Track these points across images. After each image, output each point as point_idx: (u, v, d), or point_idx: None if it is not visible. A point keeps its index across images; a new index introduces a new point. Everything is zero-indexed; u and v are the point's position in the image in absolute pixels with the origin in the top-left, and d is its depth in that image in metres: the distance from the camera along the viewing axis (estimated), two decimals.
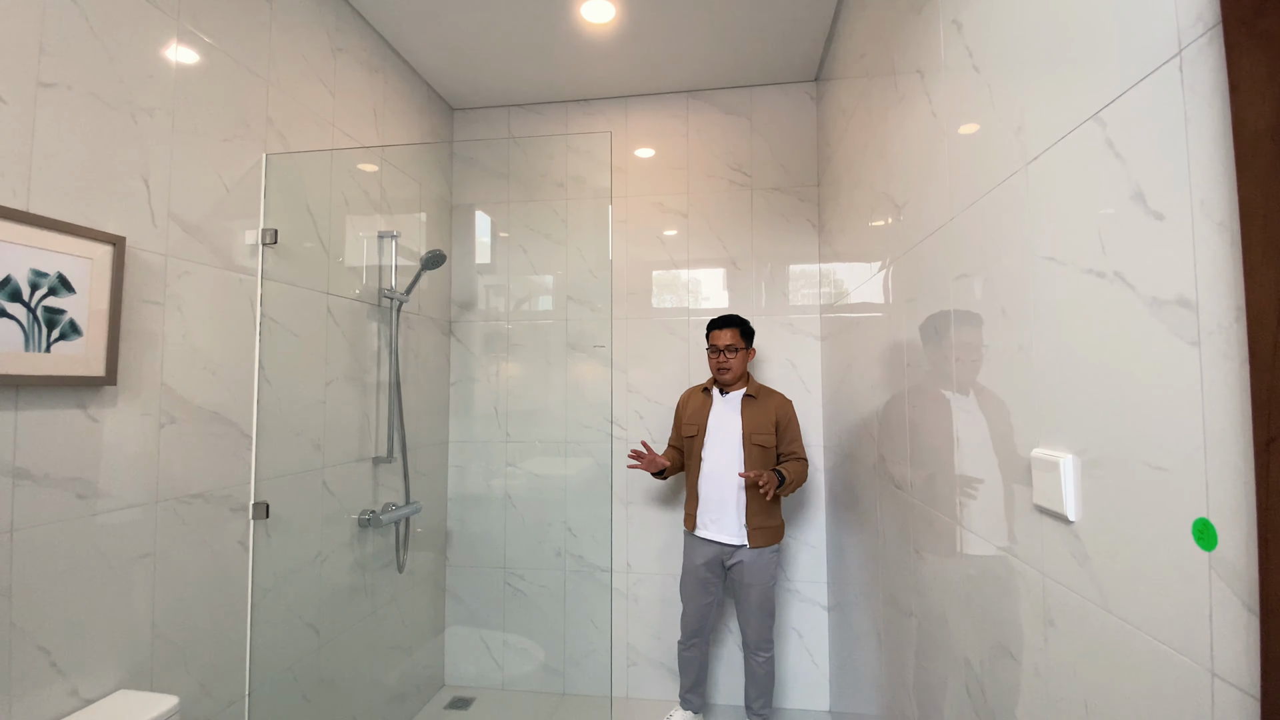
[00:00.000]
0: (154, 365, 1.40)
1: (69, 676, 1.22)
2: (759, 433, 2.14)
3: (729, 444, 2.15)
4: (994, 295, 0.99)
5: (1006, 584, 0.96)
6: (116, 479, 1.32)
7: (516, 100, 2.80)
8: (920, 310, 1.33)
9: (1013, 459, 0.93)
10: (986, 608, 1.03)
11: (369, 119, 2.23)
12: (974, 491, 1.07)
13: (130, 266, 1.34)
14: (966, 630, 1.11)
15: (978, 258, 1.04)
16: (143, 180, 1.38)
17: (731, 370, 2.17)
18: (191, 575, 1.49)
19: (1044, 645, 0.84)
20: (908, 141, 1.40)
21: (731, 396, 2.22)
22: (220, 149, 1.58)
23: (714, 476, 2.15)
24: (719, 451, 2.15)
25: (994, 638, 1.00)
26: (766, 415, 2.17)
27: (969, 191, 1.07)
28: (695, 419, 2.23)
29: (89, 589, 1.26)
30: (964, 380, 1.11)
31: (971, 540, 1.09)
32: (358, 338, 2.14)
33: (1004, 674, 0.97)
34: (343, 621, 2.04)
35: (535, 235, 2.77)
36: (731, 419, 2.17)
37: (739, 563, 2.13)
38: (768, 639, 2.18)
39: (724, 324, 2.21)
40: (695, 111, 2.70)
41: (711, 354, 2.21)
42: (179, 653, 1.46)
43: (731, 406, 2.20)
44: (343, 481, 2.04)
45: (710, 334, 2.23)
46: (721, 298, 2.64)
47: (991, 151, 0.99)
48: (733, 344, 2.17)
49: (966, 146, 1.09)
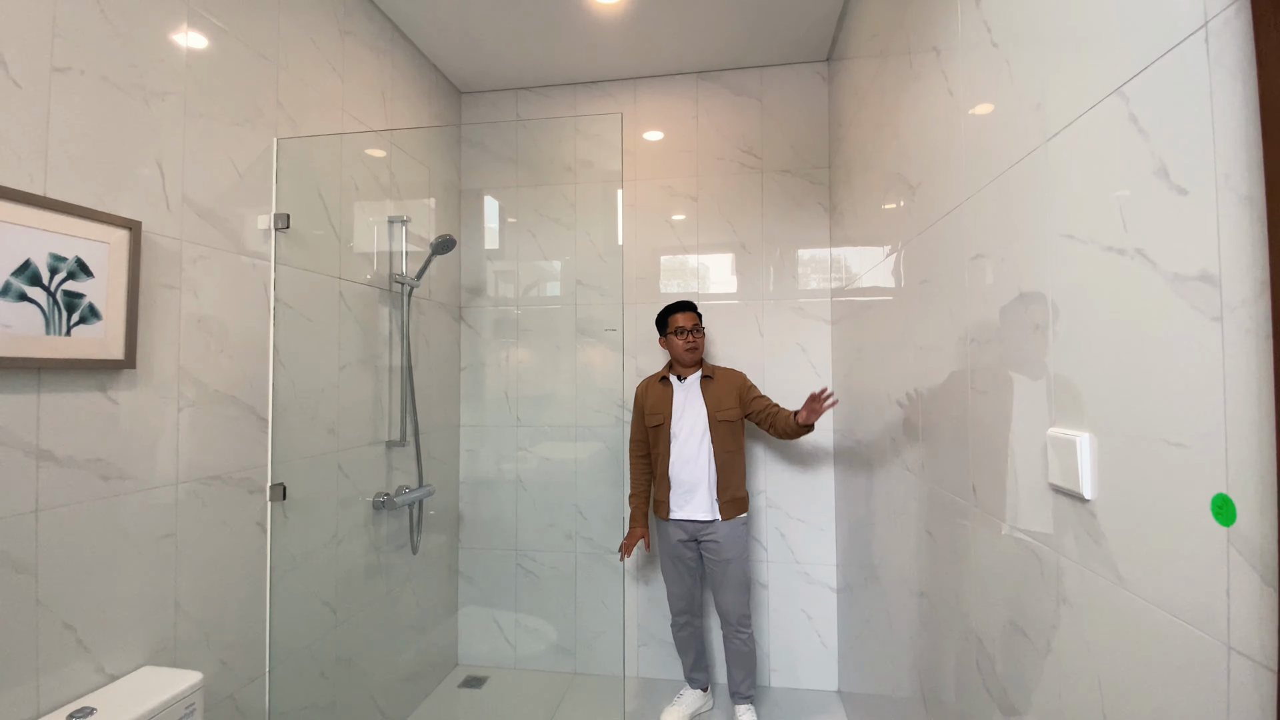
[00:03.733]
0: (171, 349, 1.42)
1: (95, 653, 1.25)
2: (722, 409, 2.22)
3: (696, 426, 2.22)
4: (1010, 275, 0.98)
5: (1019, 562, 0.97)
6: (138, 461, 1.34)
7: (524, 83, 2.78)
8: (934, 292, 1.32)
9: (1027, 439, 0.93)
10: (998, 586, 1.04)
11: (377, 103, 2.22)
12: (988, 472, 1.07)
13: (146, 251, 1.35)
14: (977, 608, 1.12)
15: (994, 237, 1.04)
16: (156, 165, 1.38)
17: (699, 349, 2.26)
18: (212, 555, 1.52)
19: (1057, 622, 0.85)
20: (923, 121, 1.39)
21: (689, 381, 2.28)
22: (232, 134, 1.59)
23: (684, 459, 2.21)
24: (686, 435, 2.22)
25: (1005, 615, 1.01)
26: (728, 391, 2.24)
27: (985, 170, 1.06)
28: (659, 408, 2.28)
29: (113, 568, 1.29)
30: (979, 361, 1.10)
31: (984, 519, 1.09)
32: (369, 322, 2.15)
33: (1016, 650, 0.98)
34: (358, 601, 2.07)
35: (544, 220, 2.76)
36: (695, 402, 2.25)
37: (713, 541, 2.19)
38: (747, 614, 2.23)
39: (685, 307, 2.29)
40: (705, 93, 2.67)
41: (677, 337, 2.26)
42: (201, 630, 1.49)
43: (692, 390, 2.27)
44: (357, 465, 2.07)
45: (671, 318, 2.29)
46: (731, 281, 2.64)
47: (1009, 129, 0.98)
48: (698, 324, 2.28)
49: (983, 125, 1.08)
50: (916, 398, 1.46)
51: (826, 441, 2.54)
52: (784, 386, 2.57)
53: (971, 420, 1.14)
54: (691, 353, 2.26)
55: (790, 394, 2.56)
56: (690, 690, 2.38)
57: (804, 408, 2.02)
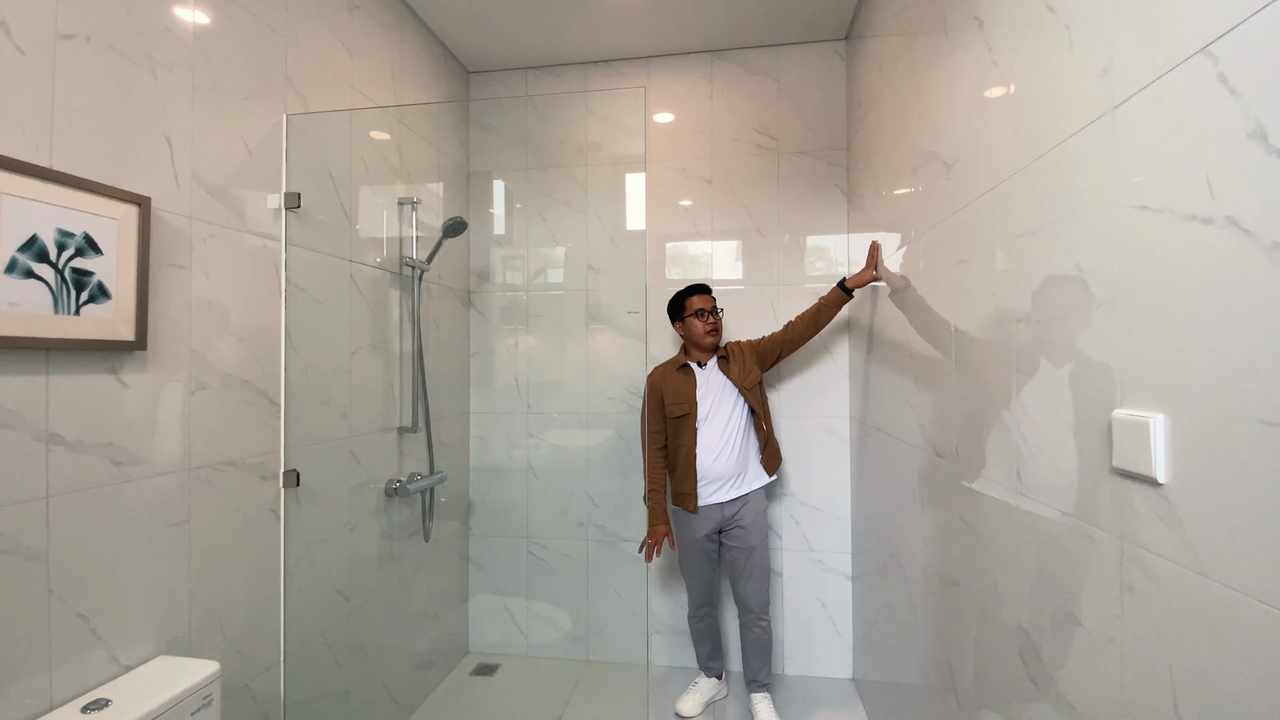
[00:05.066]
0: (182, 330, 1.37)
1: (109, 643, 1.21)
2: (748, 376, 2.19)
3: (723, 409, 2.17)
4: (1066, 251, 0.94)
5: (1072, 550, 0.93)
6: (149, 446, 1.30)
7: (533, 62, 2.71)
8: (973, 271, 1.28)
9: (1087, 421, 0.89)
10: (1046, 574, 1.01)
11: (387, 81, 2.16)
12: (1036, 457, 1.04)
13: (156, 228, 1.30)
14: (1021, 597, 1.09)
15: (1047, 212, 0.99)
16: (165, 139, 1.33)
17: (720, 330, 2.22)
18: (226, 542, 1.48)
19: (1120, 611, 0.82)
20: (960, 95, 1.34)
21: (710, 366, 2.23)
22: (241, 108, 1.53)
23: (714, 445, 2.15)
24: (717, 423, 2.16)
25: (1056, 604, 0.98)
26: (747, 359, 2.23)
27: (1037, 143, 1.02)
28: (681, 398, 2.18)
29: (126, 556, 1.25)
30: (1025, 341, 1.07)
31: (1031, 506, 1.05)
32: (380, 307, 2.11)
33: (1067, 640, 0.94)
34: (372, 589, 2.04)
35: (554, 203, 2.71)
36: (719, 385, 2.19)
37: (739, 527, 2.15)
38: (767, 601, 2.21)
39: (702, 289, 2.24)
40: (720, 72, 2.61)
41: (697, 320, 2.20)
42: (215, 619, 1.45)
43: (713, 374, 2.21)
44: (369, 451, 2.03)
45: (688, 301, 2.23)
46: (743, 266, 2.59)
47: (1068, 97, 0.93)
48: (715, 304, 2.24)
49: (1034, 95, 1.03)
50: (951, 382, 1.42)
51: (842, 427, 2.51)
52: (798, 373, 2.53)
53: (1016, 404, 1.10)
54: (713, 335, 2.20)
55: (804, 381, 2.52)
56: (706, 679, 2.36)
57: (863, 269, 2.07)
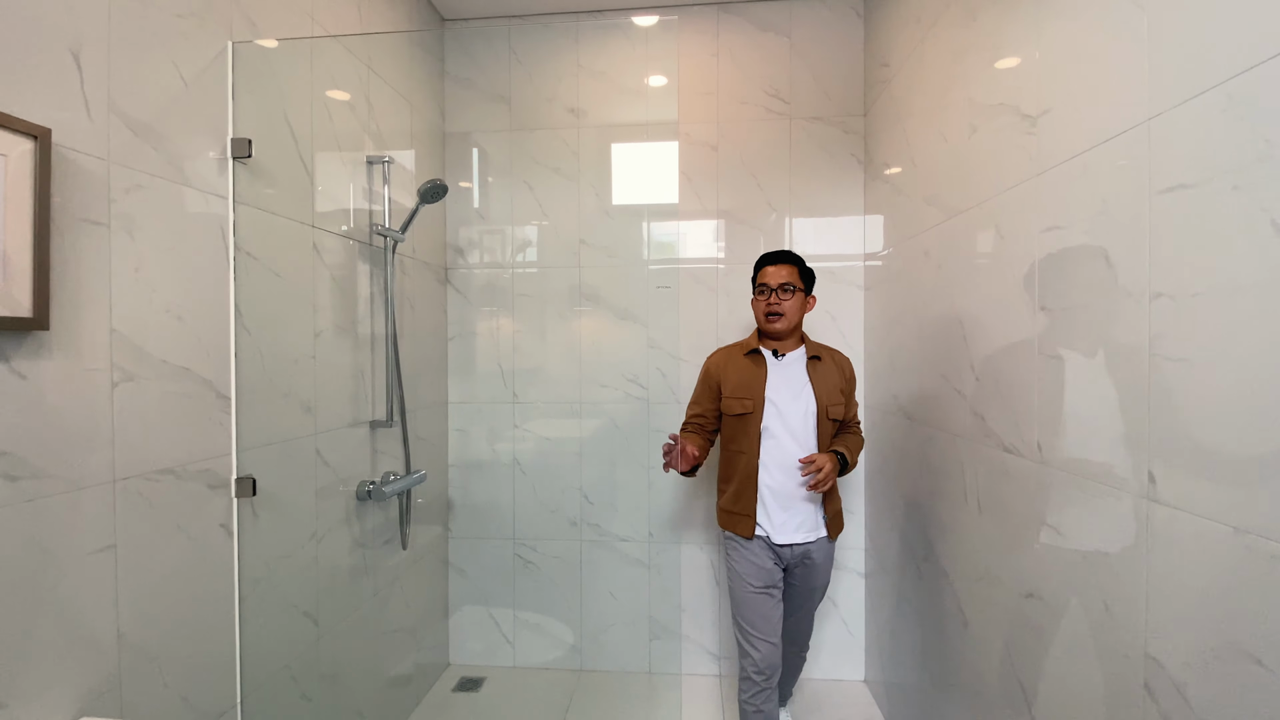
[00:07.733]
0: (100, 306, 1.08)
1: (9, 708, 0.93)
2: (834, 404, 1.73)
3: (798, 421, 1.71)
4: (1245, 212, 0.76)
5: (1248, 571, 0.76)
6: (58, 454, 1.01)
7: (517, 10, 2.42)
8: (1074, 239, 1.10)
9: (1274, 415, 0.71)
10: (1198, 597, 0.84)
11: (352, 14, 1.85)
12: (1182, 460, 0.86)
13: (60, 170, 1.00)
14: (1151, 622, 0.92)
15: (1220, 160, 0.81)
16: (71, 55, 1.02)
17: (785, 317, 1.71)
18: (165, 569, 1.20)
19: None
20: (1061, 30, 1.15)
21: (791, 359, 1.76)
22: (174, 27, 1.22)
23: (782, 466, 1.69)
24: (788, 432, 1.70)
25: (1216, 635, 0.81)
26: (836, 380, 1.76)
27: (1195, 79, 0.83)
28: (746, 391, 1.73)
29: (31, 595, 0.96)
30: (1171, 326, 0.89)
31: (1170, 517, 0.88)
32: (348, 282, 1.81)
33: (1232, 678, 0.78)
34: (343, 608, 1.78)
35: (541, 169, 2.44)
36: (801, 389, 1.72)
37: (809, 564, 1.74)
38: (812, 627, 1.97)
39: (779, 259, 1.76)
40: (727, 27, 2.37)
41: (759, 296, 1.76)
42: (153, 663, 1.18)
43: (794, 372, 1.75)
44: (337, 450, 1.75)
45: (760, 271, 1.78)
46: (755, 241, 2.38)
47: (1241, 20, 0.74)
48: (789, 282, 1.72)
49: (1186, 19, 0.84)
50: (1031, 370, 1.24)
51: None
52: None
53: (1152, 387, 0.92)
54: (772, 320, 1.73)
55: None
56: None
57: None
